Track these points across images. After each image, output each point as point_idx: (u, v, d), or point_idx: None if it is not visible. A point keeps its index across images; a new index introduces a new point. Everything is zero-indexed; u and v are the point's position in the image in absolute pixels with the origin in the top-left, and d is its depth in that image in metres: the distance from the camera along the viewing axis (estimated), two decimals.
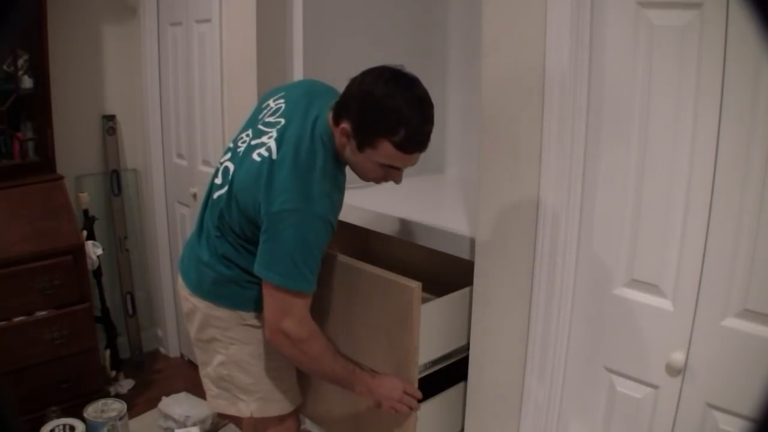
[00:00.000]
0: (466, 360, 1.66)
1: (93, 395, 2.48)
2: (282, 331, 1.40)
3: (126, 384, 2.91)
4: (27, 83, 2.49)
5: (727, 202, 1.15)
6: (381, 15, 2.42)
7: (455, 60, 2.55)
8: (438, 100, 1.41)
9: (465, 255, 1.65)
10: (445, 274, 1.96)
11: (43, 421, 2.25)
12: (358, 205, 1.93)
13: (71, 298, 2.44)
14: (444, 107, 2.53)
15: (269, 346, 1.51)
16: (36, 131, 2.59)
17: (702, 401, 1.22)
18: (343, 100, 1.39)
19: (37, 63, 2.48)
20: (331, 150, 1.42)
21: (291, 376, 1.66)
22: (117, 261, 3.08)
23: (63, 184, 2.56)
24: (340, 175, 1.47)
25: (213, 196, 1.53)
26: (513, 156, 1.46)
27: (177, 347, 3.29)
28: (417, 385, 1.54)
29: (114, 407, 2.40)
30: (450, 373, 1.68)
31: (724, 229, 1.16)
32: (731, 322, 1.17)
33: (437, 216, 1.86)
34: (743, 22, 1.04)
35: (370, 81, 1.34)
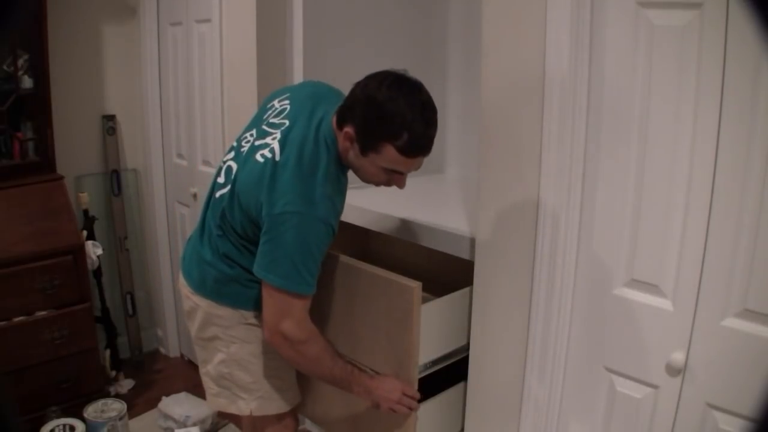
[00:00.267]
0: (466, 360, 1.66)
1: (93, 395, 2.48)
2: (281, 333, 1.40)
3: (126, 384, 2.91)
4: (27, 83, 2.49)
5: (727, 202, 1.15)
6: (381, 15, 2.42)
7: (455, 60, 2.55)
8: (438, 100, 1.41)
9: (465, 255, 1.65)
10: (445, 274, 1.97)
11: (43, 421, 2.25)
12: (358, 205, 1.93)
13: (71, 298, 2.44)
14: (444, 107, 2.53)
15: (270, 345, 1.51)
16: (36, 131, 2.59)
17: (702, 401, 1.22)
18: (347, 104, 1.39)
19: (37, 63, 2.48)
20: (335, 153, 1.42)
21: (291, 375, 1.66)
22: (117, 261, 3.08)
23: (63, 184, 2.56)
24: (342, 179, 1.47)
25: (215, 195, 1.53)
26: (513, 156, 1.46)
27: (177, 347, 3.29)
28: (417, 385, 1.54)
29: (114, 407, 2.40)
30: (450, 373, 1.68)
31: (724, 229, 1.16)
32: (731, 322, 1.17)
33: (437, 216, 1.85)
34: (743, 22, 1.04)
35: (373, 85, 1.34)
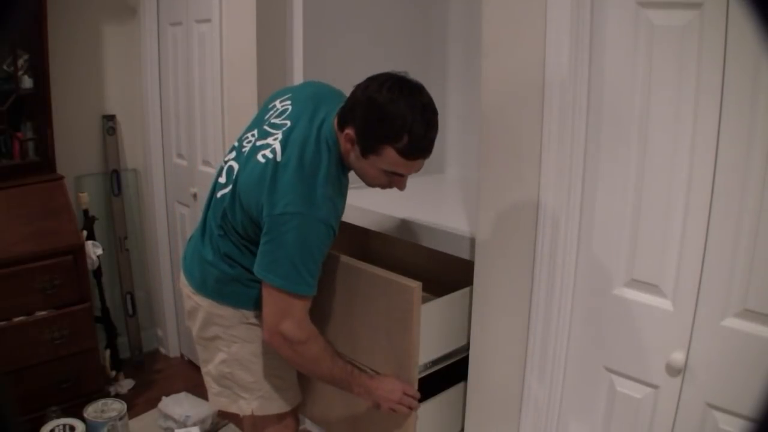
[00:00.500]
0: (466, 360, 1.66)
1: (93, 395, 2.48)
2: (280, 333, 1.40)
3: (126, 384, 2.91)
4: (27, 83, 2.49)
5: (727, 202, 1.15)
6: (381, 15, 2.42)
7: (455, 60, 2.55)
8: (438, 100, 1.41)
9: (465, 255, 1.65)
10: (445, 274, 1.96)
11: (43, 421, 2.25)
12: (358, 205, 1.93)
13: (71, 298, 2.44)
14: (444, 107, 2.52)
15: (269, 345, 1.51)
16: (36, 131, 2.59)
17: (702, 401, 1.22)
18: (348, 105, 1.39)
19: (37, 63, 2.48)
20: (336, 155, 1.42)
21: (292, 375, 1.66)
22: (117, 261, 3.08)
23: (63, 184, 2.56)
24: (343, 180, 1.47)
25: (216, 194, 1.53)
26: (513, 156, 1.46)
27: (177, 347, 3.29)
28: (417, 385, 1.54)
29: (114, 407, 2.39)
30: (450, 373, 1.68)
31: (724, 229, 1.16)
32: (731, 322, 1.17)
33: (437, 216, 1.85)
34: (743, 22, 1.04)
35: (374, 87, 1.34)
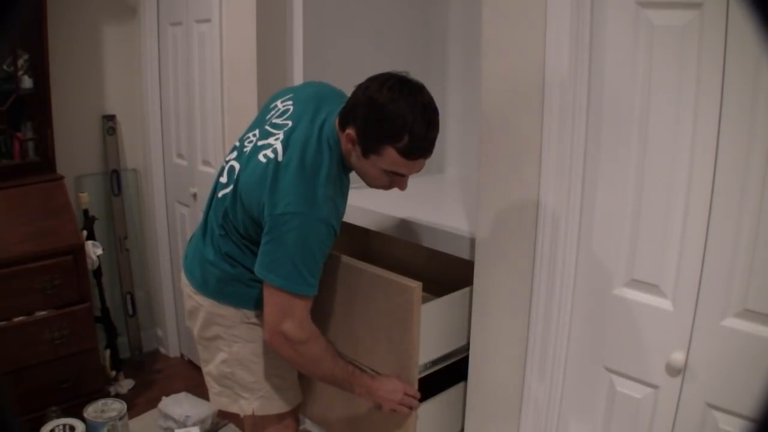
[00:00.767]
0: (466, 360, 1.66)
1: (93, 395, 2.48)
2: (281, 333, 1.40)
3: (126, 384, 2.91)
4: (27, 83, 2.49)
5: (727, 202, 1.15)
6: (381, 15, 2.42)
7: (455, 60, 2.55)
8: (438, 100, 1.41)
9: (465, 255, 1.65)
10: (445, 274, 1.96)
11: (43, 421, 2.25)
12: (358, 205, 1.93)
13: (71, 298, 2.44)
14: (444, 107, 2.51)
15: (270, 346, 1.51)
16: (36, 131, 2.59)
17: (702, 401, 1.22)
18: (349, 106, 1.39)
19: (37, 63, 2.48)
20: (337, 155, 1.42)
21: (292, 374, 1.66)
22: (117, 261, 3.08)
23: (63, 184, 2.55)
24: (344, 180, 1.47)
25: (218, 194, 1.53)
26: (513, 156, 1.46)
27: (177, 347, 3.29)
28: (417, 385, 1.54)
29: (114, 407, 2.39)
30: (450, 373, 1.68)
31: (724, 229, 1.16)
32: (731, 322, 1.17)
33: (437, 216, 1.85)
34: (743, 22, 1.04)
35: (375, 87, 1.34)
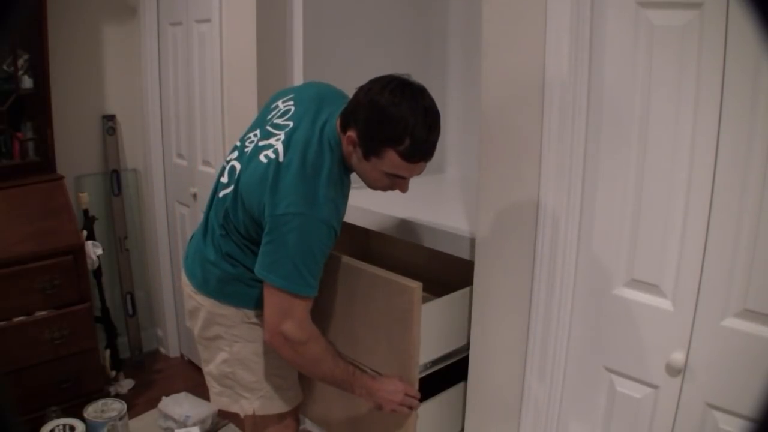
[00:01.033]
0: (466, 360, 1.66)
1: (93, 395, 2.48)
2: (281, 334, 1.40)
3: (126, 384, 2.91)
4: (27, 83, 2.49)
5: (727, 202, 1.15)
6: (381, 15, 2.42)
7: (455, 60, 2.55)
8: (438, 100, 1.41)
9: (465, 255, 1.65)
10: (445, 274, 1.97)
11: (43, 421, 2.25)
12: (358, 206, 1.93)
13: (71, 298, 2.44)
14: (444, 107, 2.51)
15: (270, 346, 1.51)
16: (36, 131, 2.59)
17: (702, 401, 1.22)
18: (350, 107, 1.39)
19: (37, 63, 2.48)
20: (338, 156, 1.42)
21: (293, 374, 1.66)
22: (117, 261, 3.08)
23: (63, 184, 2.55)
24: (345, 181, 1.47)
25: (218, 194, 1.53)
26: (513, 156, 1.46)
27: (177, 347, 3.29)
28: (417, 385, 1.54)
29: (114, 407, 2.39)
30: (450, 373, 1.68)
31: (724, 229, 1.16)
32: (731, 322, 1.17)
33: (437, 216, 1.86)
34: (743, 22, 1.04)
35: (376, 90, 1.34)
